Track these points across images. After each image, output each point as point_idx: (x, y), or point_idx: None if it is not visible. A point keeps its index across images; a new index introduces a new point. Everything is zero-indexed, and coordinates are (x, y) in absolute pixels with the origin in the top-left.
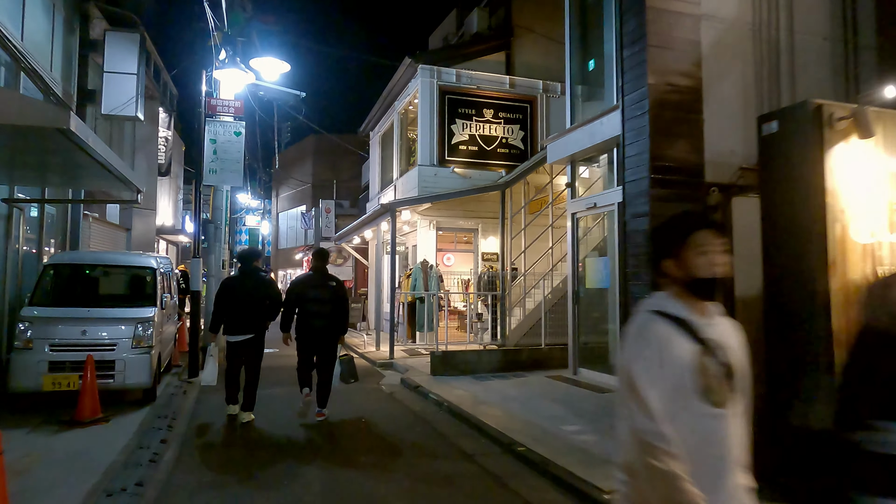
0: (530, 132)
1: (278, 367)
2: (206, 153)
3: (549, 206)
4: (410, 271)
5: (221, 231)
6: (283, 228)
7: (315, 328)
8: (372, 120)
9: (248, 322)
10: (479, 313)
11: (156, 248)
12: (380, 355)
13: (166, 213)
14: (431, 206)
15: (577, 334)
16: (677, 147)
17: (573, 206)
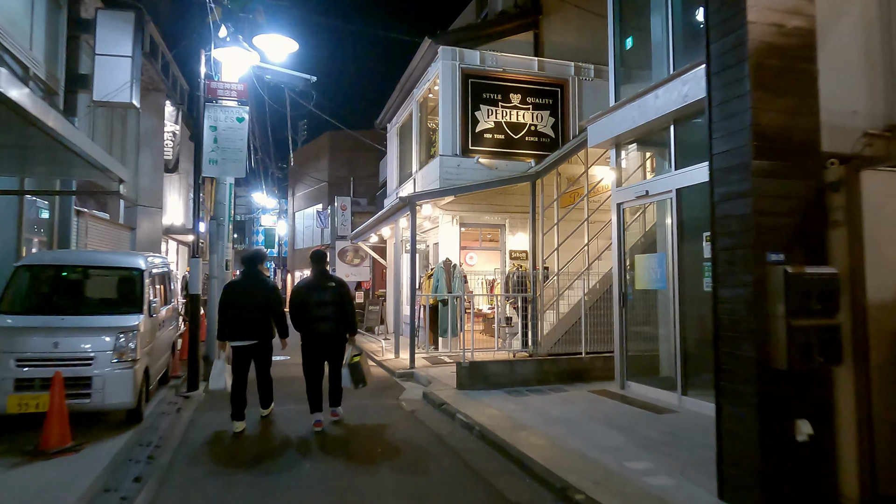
0: (561, 119)
1: (291, 378)
2: (206, 141)
3: (585, 199)
4: (432, 271)
5: (225, 228)
6: (300, 228)
7: (321, 332)
8: (389, 111)
9: (253, 327)
10: (507, 317)
11: (165, 249)
12: (399, 364)
13: (176, 211)
14: (454, 200)
15: (624, 343)
16: (785, 106)
17: (619, 196)
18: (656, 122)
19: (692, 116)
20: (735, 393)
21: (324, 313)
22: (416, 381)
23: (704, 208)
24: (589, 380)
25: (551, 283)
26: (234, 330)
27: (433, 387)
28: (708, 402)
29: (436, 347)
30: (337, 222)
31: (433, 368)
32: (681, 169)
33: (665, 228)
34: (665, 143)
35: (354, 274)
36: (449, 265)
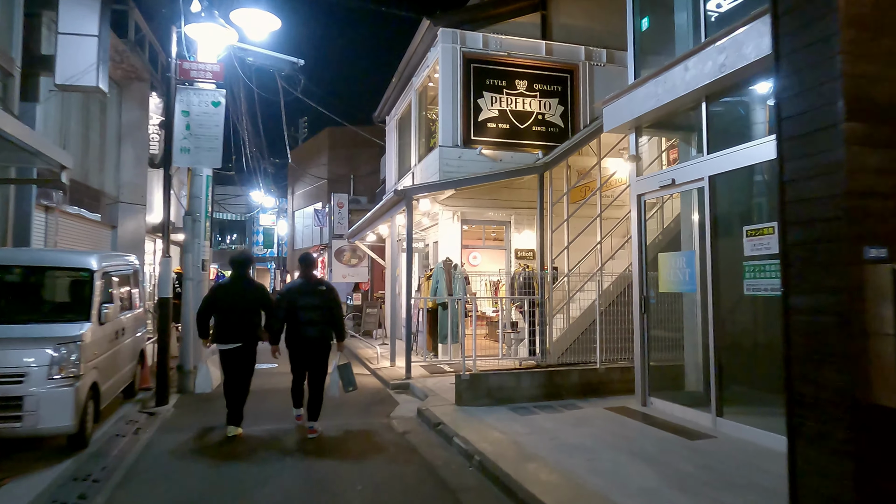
0: (571, 107)
1: (275, 390)
2: (177, 128)
3: (598, 193)
4: (431, 272)
5: (201, 225)
6: (300, 227)
7: (307, 337)
8: (387, 102)
9: (238, 330)
10: (513, 322)
11: (152, 249)
12: (394, 373)
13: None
14: (455, 195)
15: (646, 353)
16: (890, 48)
17: (639, 186)
18: (685, 100)
19: (729, 91)
20: (818, 436)
21: (311, 317)
22: (411, 394)
23: (743, 198)
24: (605, 394)
25: (561, 284)
26: (220, 332)
27: (430, 401)
28: (750, 427)
29: (435, 354)
30: (334, 221)
31: (431, 379)
32: (714, 153)
33: (692, 223)
34: (694, 124)
35: (352, 275)
36: (449, 265)
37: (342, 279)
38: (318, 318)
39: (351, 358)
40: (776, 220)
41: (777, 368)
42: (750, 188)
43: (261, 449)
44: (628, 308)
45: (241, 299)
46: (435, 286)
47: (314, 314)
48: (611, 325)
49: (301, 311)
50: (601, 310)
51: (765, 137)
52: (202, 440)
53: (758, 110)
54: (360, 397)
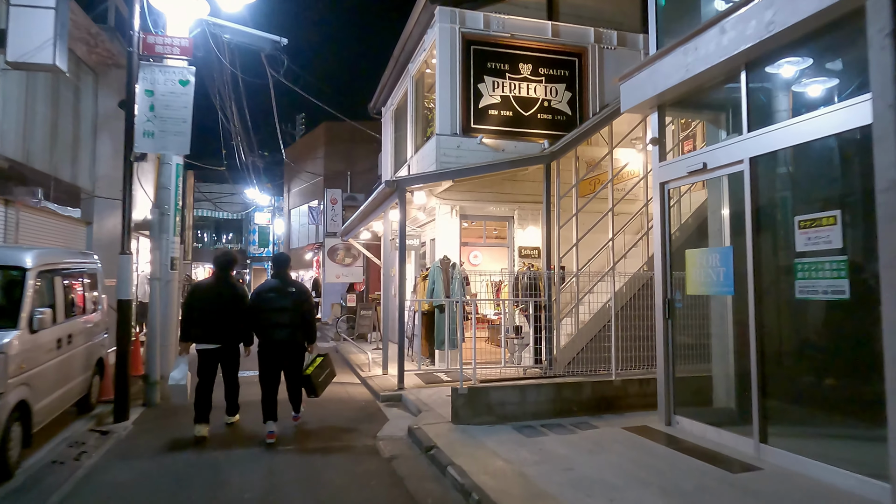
0: (579, 93)
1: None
2: (140, 109)
3: (609, 186)
4: (427, 272)
5: (170, 219)
6: (295, 226)
7: (277, 340)
8: (383, 92)
9: (219, 330)
10: (517, 326)
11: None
12: (386, 383)
13: (147, 205)
14: (454, 187)
15: (670, 365)
16: None
17: (663, 173)
18: (720, 69)
19: (777, 54)
20: None
21: (281, 320)
22: (403, 408)
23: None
24: (621, 409)
25: (569, 285)
26: (199, 333)
27: (423, 418)
28: (804, 458)
29: (431, 361)
30: (327, 217)
31: (426, 390)
32: (757, 131)
33: (721, 216)
34: (729, 98)
35: (346, 275)
36: (447, 264)
37: (336, 279)
38: (288, 321)
39: (342, 365)
40: (839, 207)
41: (838, 386)
42: (803, 171)
43: (224, 482)
44: (643, 312)
45: (221, 299)
46: (431, 287)
47: (284, 316)
48: (623, 330)
49: (271, 314)
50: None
51: (829, 107)
52: (158, 466)
53: (814, 76)
54: (347, 412)
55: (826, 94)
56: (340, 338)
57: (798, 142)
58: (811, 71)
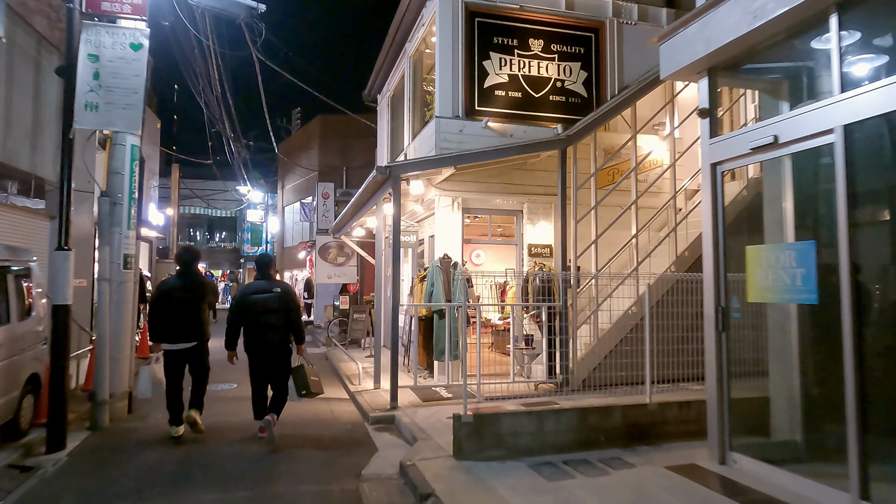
0: (596, 73)
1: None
2: (82, 78)
3: (633, 175)
4: (425, 272)
5: (123, 210)
6: (289, 224)
7: (264, 341)
8: (378, 76)
9: (187, 329)
10: (528, 335)
11: None
12: (378, 399)
13: None
14: (456, 176)
15: (725, 388)
16: None
17: (716, 151)
18: (799, 13)
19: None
20: None
21: (268, 321)
22: (396, 433)
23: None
24: (657, 439)
25: (586, 288)
26: (167, 331)
27: (419, 449)
28: None
29: (430, 373)
30: (319, 214)
31: (424, 409)
32: (853, 91)
33: (783, 205)
34: (810, 53)
35: (338, 275)
36: (448, 264)
37: (327, 280)
38: (274, 322)
39: (331, 376)
40: None
41: None
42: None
43: None
44: (671, 321)
45: (187, 295)
46: (430, 289)
47: (271, 317)
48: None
49: (257, 315)
50: (635, 321)
51: None
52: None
53: None
54: (329, 437)
55: None
56: (332, 343)
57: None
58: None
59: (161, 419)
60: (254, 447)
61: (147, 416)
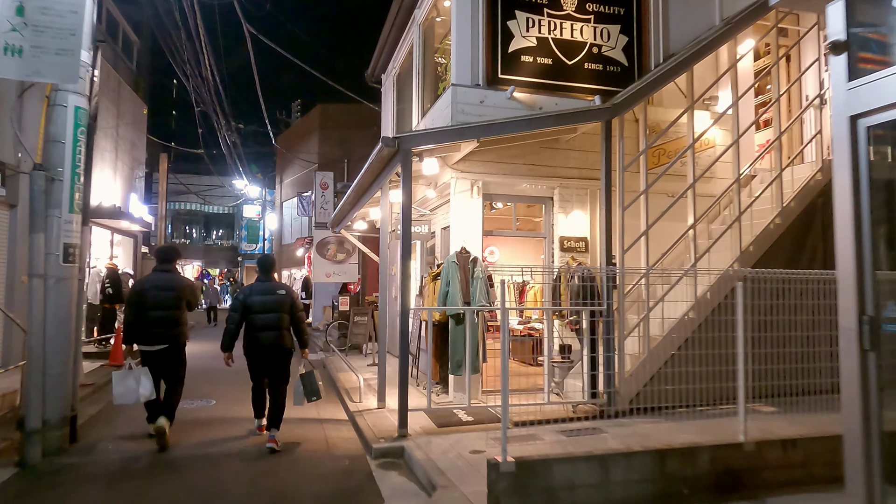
0: (638, 38)
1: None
2: (0, 13)
3: (689, 155)
4: (439, 269)
5: (65, 187)
6: (288, 220)
7: (264, 343)
8: (383, 52)
9: (161, 329)
10: (565, 344)
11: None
12: (383, 422)
13: (106, 188)
14: (476, 157)
15: (874, 422)
16: None
17: (857, 99)
18: None
19: None
20: None
21: (270, 323)
22: (407, 472)
23: None
24: (756, 488)
25: (635, 287)
26: (141, 332)
27: (440, 502)
28: None
29: (444, 388)
30: (317, 206)
31: (440, 438)
32: None
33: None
34: None
35: (338, 273)
36: (466, 258)
37: (326, 279)
38: (275, 323)
39: (328, 389)
40: None
41: None
42: None
43: None
44: (729, 326)
45: (162, 295)
46: (445, 289)
47: (272, 319)
48: (706, 348)
49: (258, 316)
50: (691, 332)
51: None
52: None
53: None
54: (319, 480)
55: None
56: (330, 348)
57: None
58: None
59: (113, 450)
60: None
61: (94, 446)
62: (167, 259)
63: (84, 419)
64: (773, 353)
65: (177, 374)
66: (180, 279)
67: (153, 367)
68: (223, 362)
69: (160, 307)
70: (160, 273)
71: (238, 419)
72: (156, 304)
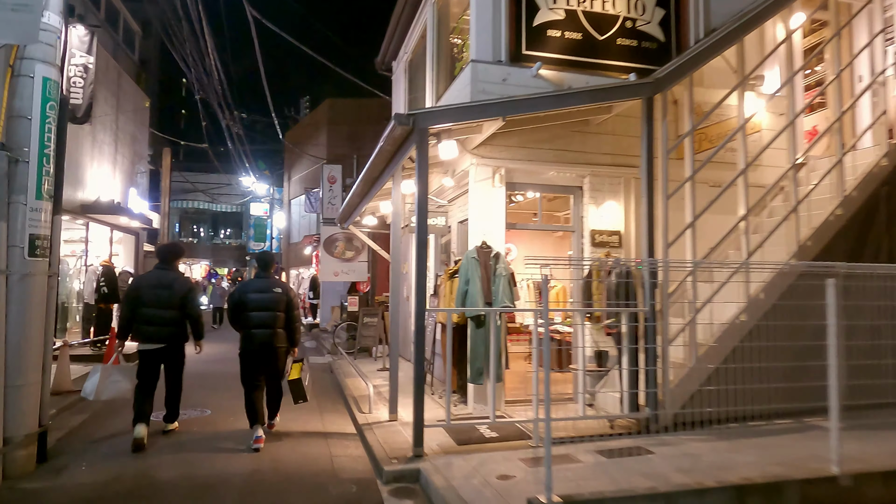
0: (677, 11)
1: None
2: None
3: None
4: (457, 266)
5: (31, 170)
6: (296, 218)
7: (259, 342)
8: (394, 36)
9: (156, 328)
10: (601, 351)
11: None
12: (396, 439)
13: (103, 182)
14: (498, 141)
15: None
16: None
17: None
18: None
19: None
20: None
21: (264, 319)
22: (423, 500)
23: None
24: None
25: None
26: (140, 330)
27: None
28: None
29: (461, 397)
30: (325, 201)
31: (462, 459)
32: None
33: None
34: None
35: (346, 271)
36: (487, 255)
37: (334, 277)
38: (271, 322)
39: (334, 396)
40: None
41: None
42: None
43: None
44: (795, 332)
45: (162, 293)
46: (464, 288)
47: (265, 316)
48: (762, 356)
49: (253, 313)
50: (748, 328)
51: None
52: None
53: None
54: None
55: None
56: (338, 351)
57: None
58: None
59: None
60: None
61: (65, 467)
62: (167, 258)
63: (64, 432)
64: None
65: (172, 374)
66: (179, 278)
67: (150, 367)
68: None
69: (155, 305)
70: (159, 271)
71: (233, 433)
72: (151, 302)
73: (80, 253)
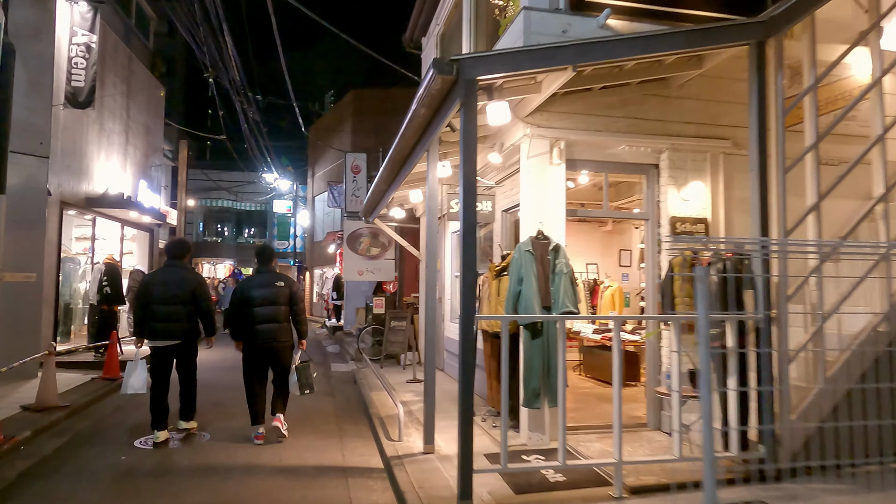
0: None
1: None
2: None
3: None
4: (506, 261)
5: None
6: (320, 216)
7: (264, 340)
8: (424, 8)
9: (165, 324)
10: (692, 369)
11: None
12: (433, 480)
13: (111, 173)
14: (557, 106)
15: None
16: None
17: None
18: None
19: None
20: None
21: (268, 314)
22: None
23: None
24: None
25: (802, 285)
26: (152, 327)
27: None
28: None
29: (514, 425)
30: (348, 193)
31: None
32: None
33: None
34: None
35: (372, 270)
36: (544, 247)
37: (358, 276)
38: (276, 318)
39: (357, 414)
40: None
41: None
42: None
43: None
44: None
45: (172, 290)
46: (516, 289)
47: (270, 310)
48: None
49: (256, 308)
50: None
51: None
52: None
53: None
54: None
55: None
56: (362, 358)
57: None
58: None
59: None
60: None
61: None
62: (177, 254)
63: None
64: None
65: (186, 372)
66: (188, 274)
67: (164, 364)
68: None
69: (164, 302)
70: (169, 268)
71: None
72: (160, 299)
73: (80, 250)
